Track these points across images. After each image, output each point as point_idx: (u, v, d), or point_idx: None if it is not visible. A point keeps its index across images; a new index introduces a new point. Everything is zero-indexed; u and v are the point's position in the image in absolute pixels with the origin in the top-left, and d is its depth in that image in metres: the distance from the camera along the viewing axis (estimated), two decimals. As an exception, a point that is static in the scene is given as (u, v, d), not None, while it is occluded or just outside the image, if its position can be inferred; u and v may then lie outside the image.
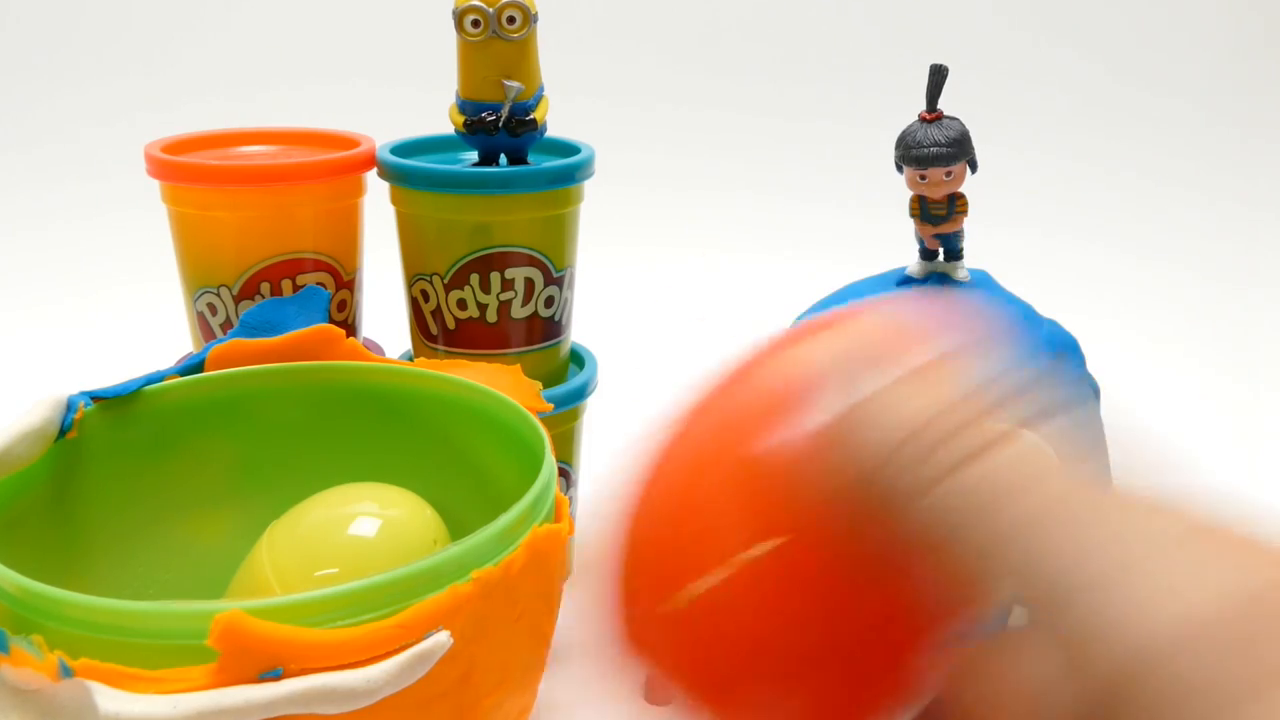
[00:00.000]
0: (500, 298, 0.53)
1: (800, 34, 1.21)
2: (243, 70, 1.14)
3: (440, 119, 0.54)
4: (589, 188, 0.55)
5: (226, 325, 0.53)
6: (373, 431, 0.45)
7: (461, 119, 0.52)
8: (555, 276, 0.54)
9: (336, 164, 0.53)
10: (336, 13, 1.19)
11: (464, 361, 0.49)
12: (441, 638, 0.30)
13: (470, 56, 0.50)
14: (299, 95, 1.10)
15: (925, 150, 0.44)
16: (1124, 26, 1.21)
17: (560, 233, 0.54)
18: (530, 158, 0.54)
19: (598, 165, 0.55)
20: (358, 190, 0.55)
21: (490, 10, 0.49)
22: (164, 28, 1.16)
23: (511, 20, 0.49)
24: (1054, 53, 1.20)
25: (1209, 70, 1.19)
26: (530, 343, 0.54)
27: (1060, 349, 0.47)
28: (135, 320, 0.78)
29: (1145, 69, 1.19)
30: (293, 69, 1.14)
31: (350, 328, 0.56)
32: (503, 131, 0.51)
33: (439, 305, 0.54)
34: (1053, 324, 0.48)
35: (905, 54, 1.12)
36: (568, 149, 0.56)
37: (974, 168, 0.45)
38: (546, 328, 0.55)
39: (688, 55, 1.20)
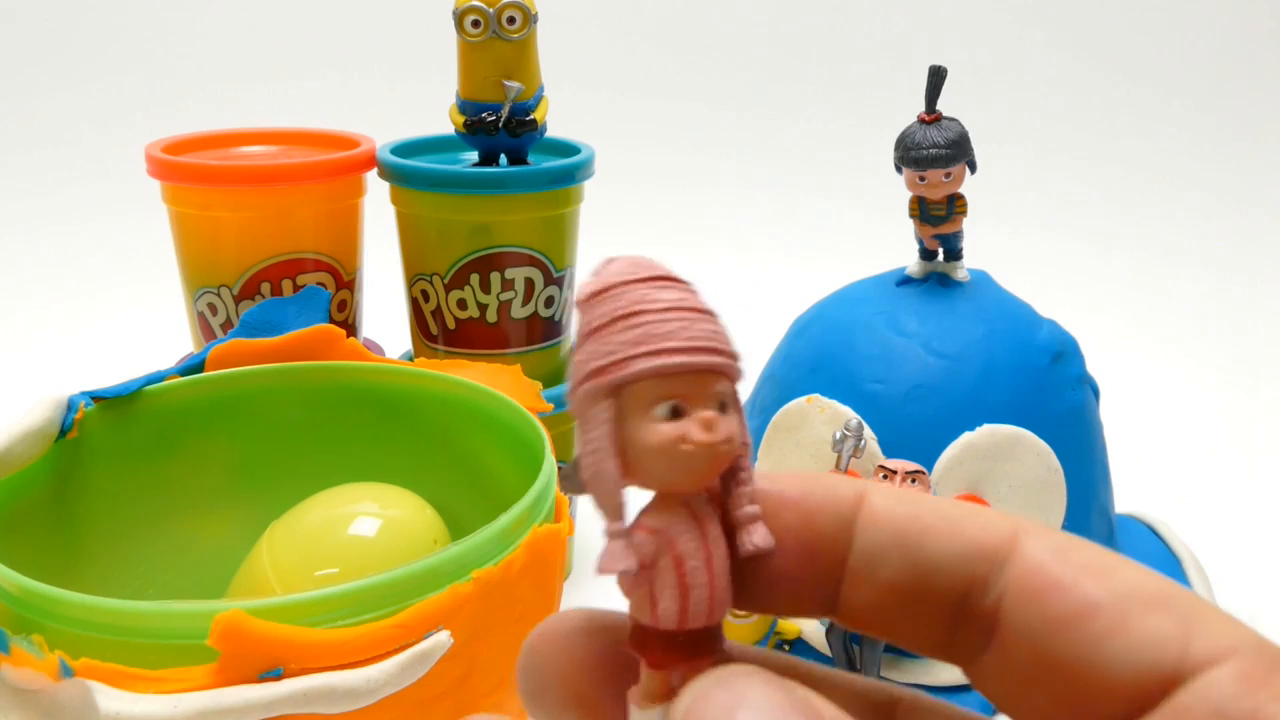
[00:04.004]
0: (500, 298, 0.53)
1: (800, 35, 1.21)
2: (243, 70, 1.14)
3: (440, 119, 0.54)
4: (589, 188, 0.55)
5: (226, 325, 0.53)
6: (373, 431, 0.45)
7: (461, 119, 0.52)
8: (555, 276, 0.54)
9: (337, 164, 0.53)
10: (337, 12, 1.19)
11: (464, 361, 0.49)
12: (441, 637, 0.30)
13: (470, 57, 0.51)
14: (299, 95, 1.10)
15: (924, 152, 0.44)
16: (1124, 26, 1.21)
17: (560, 233, 0.54)
18: (530, 158, 0.54)
19: (598, 165, 0.55)
20: (358, 190, 0.55)
21: (490, 10, 0.49)
22: (164, 28, 1.16)
23: (511, 20, 0.49)
24: (1054, 53, 1.20)
25: (1209, 70, 1.19)
26: (530, 343, 0.55)
27: (1060, 349, 0.47)
28: (135, 320, 0.78)
29: (1145, 69, 1.19)
30: (293, 69, 1.14)
31: (350, 328, 0.56)
32: (503, 132, 0.51)
33: (439, 305, 0.54)
34: (1053, 324, 0.48)
35: (905, 54, 1.12)
36: (568, 149, 0.56)
37: (973, 169, 0.45)
38: (546, 328, 0.55)
39: (688, 55, 1.20)
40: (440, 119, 0.54)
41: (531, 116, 0.51)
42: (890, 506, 0.16)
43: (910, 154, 0.44)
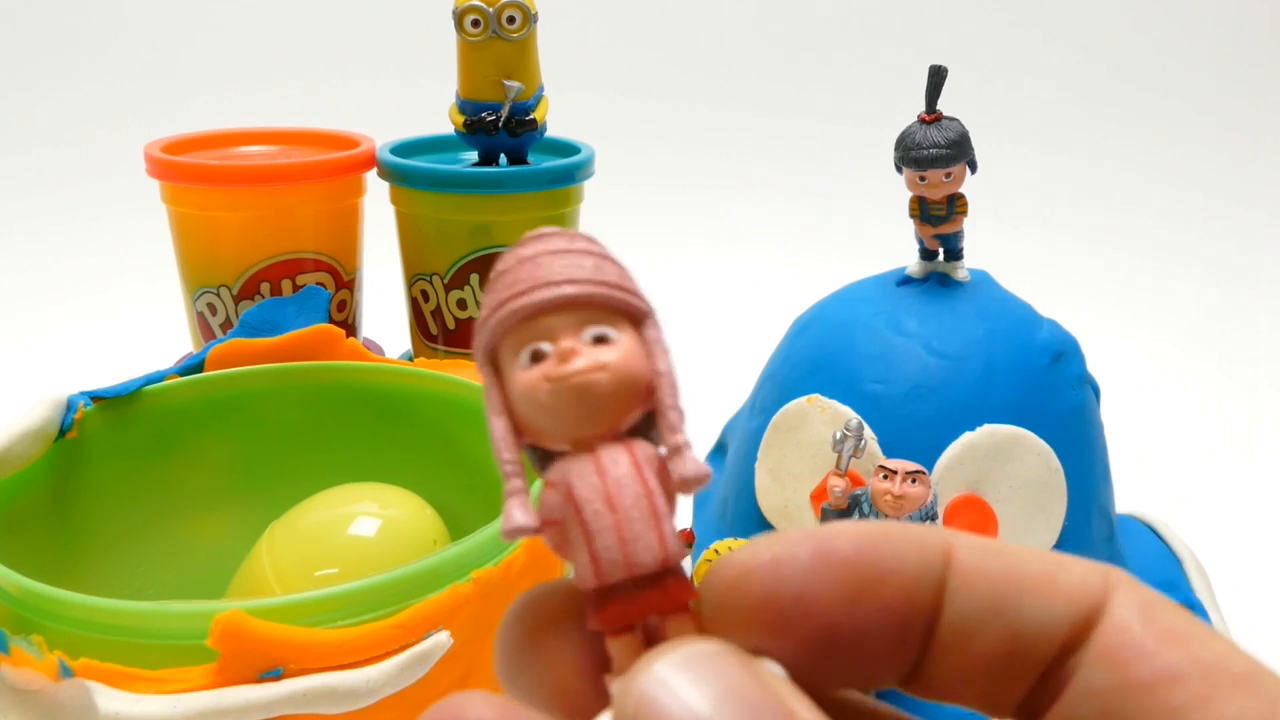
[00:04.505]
0: (500, 298, 0.53)
1: (800, 34, 1.21)
2: (243, 70, 1.14)
3: (440, 119, 0.54)
4: (589, 188, 0.55)
5: (226, 325, 0.53)
6: (373, 431, 0.45)
7: (461, 119, 0.52)
8: (555, 276, 0.54)
9: (336, 164, 0.53)
10: (337, 13, 1.19)
11: (464, 361, 0.49)
12: (441, 638, 0.30)
13: (470, 56, 0.51)
14: (299, 95, 1.10)
15: (924, 152, 0.44)
16: (1124, 26, 1.21)
17: (560, 233, 0.54)
18: (530, 158, 0.54)
19: (598, 165, 0.55)
20: (358, 190, 0.55)
21: (490, 10, 0.49)
22: (163, 28, 1.16)
23: (511, 20, 0.49)
24: (1054, 53, 1.20)
25: (1209, 70, 1.19)
26: (530, 343, 0.54)
27: (1060, 349, 0.47)
28: (135, 320, 0.78)
29: (1145, 69, 1.19)
30: (293, 68, 1.14)
31: (350, 328, 0.56)
32: (503, 131, 0.51)
33: (439, 305, 0.54)
34: (1053, 324, 0.48)
35: (905, 54, 1.12)
36: (568, 149, 0.56)
37: (974, 168, 0.45)
38: (546, 328, 0.55)
39: (688, 55, 1.19)
40: (440, 119, 0.54)
41: (531, 116, 0.51)
42: (981, 561, 0.15)
43: (910, 154, 0.44)
